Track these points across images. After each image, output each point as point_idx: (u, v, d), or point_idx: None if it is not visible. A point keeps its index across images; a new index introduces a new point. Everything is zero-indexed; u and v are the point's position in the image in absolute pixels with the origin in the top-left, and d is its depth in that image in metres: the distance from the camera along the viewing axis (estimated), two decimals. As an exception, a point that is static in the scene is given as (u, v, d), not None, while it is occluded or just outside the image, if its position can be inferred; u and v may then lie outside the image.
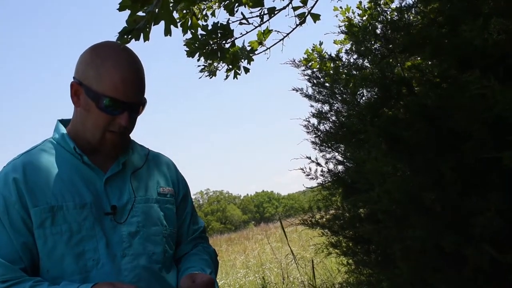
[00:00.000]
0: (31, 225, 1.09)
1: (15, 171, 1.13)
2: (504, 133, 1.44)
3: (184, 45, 2.52)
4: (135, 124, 1.22)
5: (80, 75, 1.15)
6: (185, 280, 1.13)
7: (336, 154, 2.91)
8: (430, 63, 2.02)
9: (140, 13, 1.03)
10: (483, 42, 1.55)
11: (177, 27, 1.22)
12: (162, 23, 1.01)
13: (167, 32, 1.01)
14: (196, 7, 2.47)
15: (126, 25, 1.03)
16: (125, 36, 1.02)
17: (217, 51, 2.53)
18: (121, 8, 1.04)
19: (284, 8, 2.40)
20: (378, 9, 2.58)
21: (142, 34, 1.02)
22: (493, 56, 1.57)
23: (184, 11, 2.28)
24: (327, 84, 2.85)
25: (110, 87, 1.11)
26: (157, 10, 0.93)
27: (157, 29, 1.09)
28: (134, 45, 1.08)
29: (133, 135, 1.31)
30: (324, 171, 2.91)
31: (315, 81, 2.93)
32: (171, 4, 1.00)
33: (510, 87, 1.42)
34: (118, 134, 1.17)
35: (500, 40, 1.49)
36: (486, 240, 1.56)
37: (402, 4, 2.27)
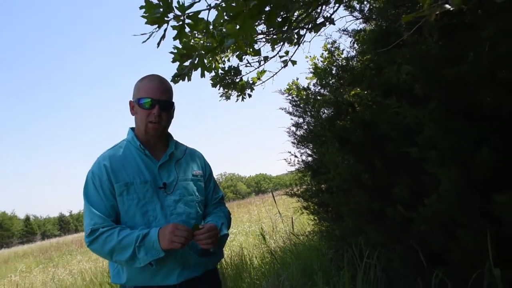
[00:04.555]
0: (115, 194, 1.12)
1: (104, 160, 1.16)
2: (412, 136, 1.45)
3: (210, 80, 2.57)
4: (169, 119, 1.19)
5: (133, 96, 1.18)
6: None
7: (307, 150, 2.89)
8: (366, 92, 2.02)
9: (185, 64, 1.06)
10: (397, 80, 1.58)
11: (209, 72, 1.22)
12: (199, 69, 1.05)
13: (202, 75, 1.05)
14: (218, 56, 2.50)
15: (176, 71, 1.07)
16: (176, 78, 1.05)
17: (231, 84, 2.53)
18: (173, 60, 1.06)
19: (273, 56, 2.41)
20: (333, 57, 2.63)
21: (186, 77, 1.07)
22: (403, 88, 1.58)
23: (210, 58, 2.33)
24: (301, 105, 2.86)
25: (144, 92, 1.14)
26: (195, 62, 0.97)
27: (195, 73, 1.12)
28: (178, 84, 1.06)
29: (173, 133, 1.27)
30: (300, 161, 2.92)
31: (294, 103, 2.93)
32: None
33: (414, 107, 1.47)
34: (155, 123, 1.16)
35: (407, 78, 1.53)
36: (400, 203, 1.56)
37: (348, 55, 2.32)
